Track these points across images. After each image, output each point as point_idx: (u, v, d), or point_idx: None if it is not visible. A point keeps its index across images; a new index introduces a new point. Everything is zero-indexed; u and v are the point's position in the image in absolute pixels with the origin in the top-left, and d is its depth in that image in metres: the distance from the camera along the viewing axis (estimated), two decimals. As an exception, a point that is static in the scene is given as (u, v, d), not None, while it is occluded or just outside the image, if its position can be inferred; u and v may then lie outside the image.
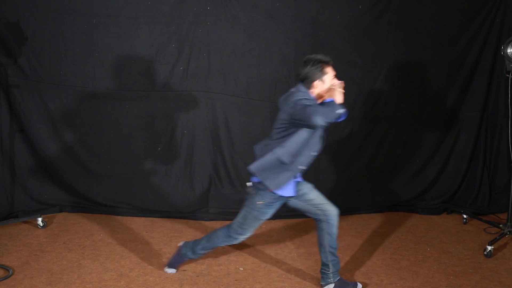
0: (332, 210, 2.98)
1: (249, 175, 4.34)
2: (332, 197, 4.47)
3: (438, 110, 4.59)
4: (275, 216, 4.31)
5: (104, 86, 4.19)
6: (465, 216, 4.29)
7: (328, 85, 2.85)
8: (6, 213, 4.09)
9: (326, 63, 2.87)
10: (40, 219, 3.95)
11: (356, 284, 3.02)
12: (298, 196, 2.98)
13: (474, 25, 4.46)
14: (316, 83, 2.84)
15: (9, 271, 3.11)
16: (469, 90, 4.60)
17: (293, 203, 3.02)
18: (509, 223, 3.81)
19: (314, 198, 3.00)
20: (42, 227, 3.94)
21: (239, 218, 2.99)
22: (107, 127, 4.26)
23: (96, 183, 4.32)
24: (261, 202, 2.89)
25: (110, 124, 4.26)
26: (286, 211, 4.34)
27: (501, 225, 3.92)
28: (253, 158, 4.34)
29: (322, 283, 3.03)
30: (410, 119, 4.58)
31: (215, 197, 4.33)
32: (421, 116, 4.59)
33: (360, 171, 4.56)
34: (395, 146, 4.59)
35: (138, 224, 4.11)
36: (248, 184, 2.97)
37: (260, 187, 2.88)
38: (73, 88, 4.18)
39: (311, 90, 2.86)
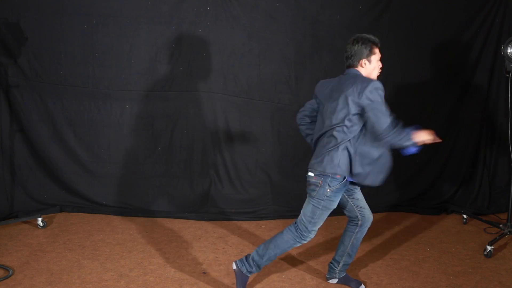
0: (369, 218, 2.98)
1: (249, 175, 4.37)
2: (332, 197, 4.51)
3: (438, 110, 4.59)
4: (275, 216, 4.35)
5: (104, 86, 4.19)
6: (465, 216, 4.29)
7: (374, 66, 2.83)
8: (6, 213, 4.09)
9: (376, 44, 2.85)
10: (40, 219, 3.95)
11: (360, 283, 3.03)
12: (348, 189, 2.93)
13: (474, 25, 4.46)
14: (363, 61, 2.81)
15: (9, 271, 3.11)
16: (469, 90, 4.60)
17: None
18: (509, 223, 3.81)
19: (360, 199, 2.98)
20: (42, 227, 3.94)
21: (307, 214, 2.81)
22: (107, 127, 4.26)
23: (96, 183, 4.32)
24: (329, 190, 2.77)
25: (110, 124, 4.26)
26: (286, 211, 4.37)
27: (501, 225, 3.92)
28: (253, 158, 4.37)
29: (328, 276, 3.10)
30: (410, 119, 4.56)
31: (215, 197, 4.33)
32: (421, 116, 4.59)
33: (360, 171, 4.55)
34: (395, 146, 4.59)
35: (138, 224, 4.11)
36: (310, 174, 2.87)
37: (326, 174, 2.77)
38: (73, 88, 4.18)
39: (358, 69, 2.80)
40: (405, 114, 4.53)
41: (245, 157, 4.29)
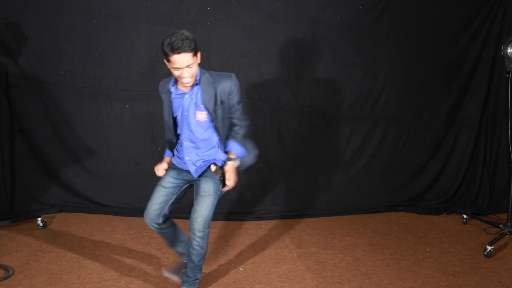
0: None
1: (249, 175, 4.37)
2: (332, 197, 4.52)
3: (438, 110, 4.59)
4: (275, 216, 4.35)
5: (104, 86, 4.19)
6: (465, 216, 4.29)
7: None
8: (6, 213, 4.09)
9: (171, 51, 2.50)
10: (40, 219, 3.95)
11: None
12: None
13: (474, 25, 4.47)
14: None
15: (9, 271, 3.11)
16: (469, 90, 4.60)
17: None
18: (509, 223, 3.81)
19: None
20: (42, 227, 3.94)
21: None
22: (107, 127, 4.26)
23: (96, 183, 4.32)
24: None
25: (110, 124, 4.26)
26: (286, 211, 4.37)
27: (501, 225, 3.91)
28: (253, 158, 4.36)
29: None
30: (410, 119, 4.58)
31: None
32: (421, 116, 4.59)
33: (360, 171, 4.56)
34: (395, 146, 4.59)
35: (138, 224, 4.11)
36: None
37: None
38: (73, 88, 4.18)
39: None
40: (405, 114, 4.58)
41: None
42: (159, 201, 2.80)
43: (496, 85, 4.56)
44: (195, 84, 2.65)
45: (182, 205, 4.41)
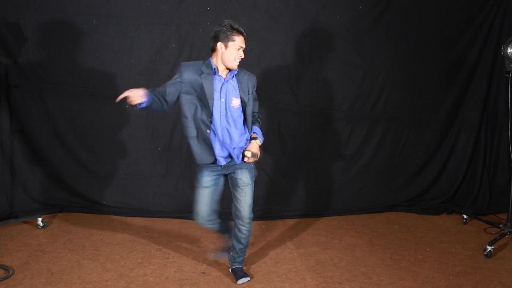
0: None
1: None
2: (332, 197, 4.52)
3: (438, 110, 4.59)
4: (275, 216, 4.35)
5: (104, 86, 4.19)
6: (465, 216, 4.29)
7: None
8: (6, 213, 4.09)
9: (237, 31, 2.90)
10: (40, 219, 3.95)
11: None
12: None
13: (474, 25, 4.47)
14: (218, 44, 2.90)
15: (9, 271, 3.11)
16: (469, 90, 4.60)
17: None
18: (509, 223, 3.81)
19: None
20: (42, 227, 3.94)
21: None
22: (107, 127, 4.26)
23: (96, 183, 4.32)
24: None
25: (110, 124, 4.26)
26: (287, 211, 4.37)
27: (501, 225, 3.91)
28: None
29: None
30: (410, 119, 4.58)
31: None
32: (421, 116, 4.59)
33: (360, 171, 4.56)
34: (395, 146, 4.59)
35: (138, 224, 4.11)
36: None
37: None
38: (73, 88, 4.18)
39: None
40: (405, 114, 4.58)
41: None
42: (205, 201, 3.01)
43: (496, 85, 4.56)
44: (232, 74, 2.95)
45: (183, 205, 4.41)
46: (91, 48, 4.14)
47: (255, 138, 3.00)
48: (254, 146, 2.97)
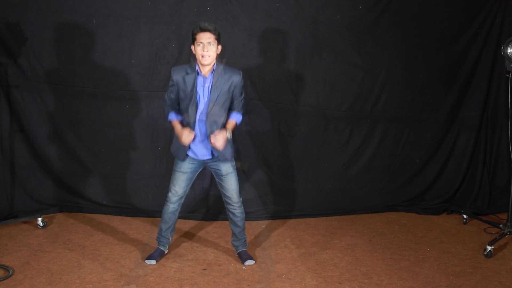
0: None
1: (249, 175, 4.37)
2: (332, 197, 4.52)
3: (438, 110, 4.60)
4: (275, 216, 4.35)
5: (104, 86, 4.19)
6: (465, 216, 4.29)
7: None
8: (6, 213, 4.09)
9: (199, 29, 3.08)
10: (40, 219, 3.95)
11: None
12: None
13: (474, 25, 4.47)
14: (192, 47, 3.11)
15: (9, 271, 3.11)
16: (469, 90, 4.60)
17: None
18: (509, 223, 3.81)
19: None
20: (42, 227, 3.94)
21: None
22: (107, 127, 4.26)
23: (96, 183, 4.32)
24: None
25: (110, 124, 4.25)
26: (286, 211, 4.37)
27: (501, 225, 3.92)
28: (253, 158, 4.37)
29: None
30: (410, 119, 4.58)
31: (215, 197, 4.33)
32: (421, 116, 4.59)
33: (360, 171, 4.56)
34: (395, 146, 4.59)
35: (138, 224, 4.11)
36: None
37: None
38: (73, 88, 4.18)
39: None
40: (405, 114, 4.58)
41: (244, 157, 4.28)
42: (183, 185, 3.32)
43: (496, 85, 4.56)
44: (212, 72, 3.11)
45: (183, 205, 4.41)
46: (91, 48, 4.14)
47: (227, 129, 3.18)
48: (221, 137, 3.11)
